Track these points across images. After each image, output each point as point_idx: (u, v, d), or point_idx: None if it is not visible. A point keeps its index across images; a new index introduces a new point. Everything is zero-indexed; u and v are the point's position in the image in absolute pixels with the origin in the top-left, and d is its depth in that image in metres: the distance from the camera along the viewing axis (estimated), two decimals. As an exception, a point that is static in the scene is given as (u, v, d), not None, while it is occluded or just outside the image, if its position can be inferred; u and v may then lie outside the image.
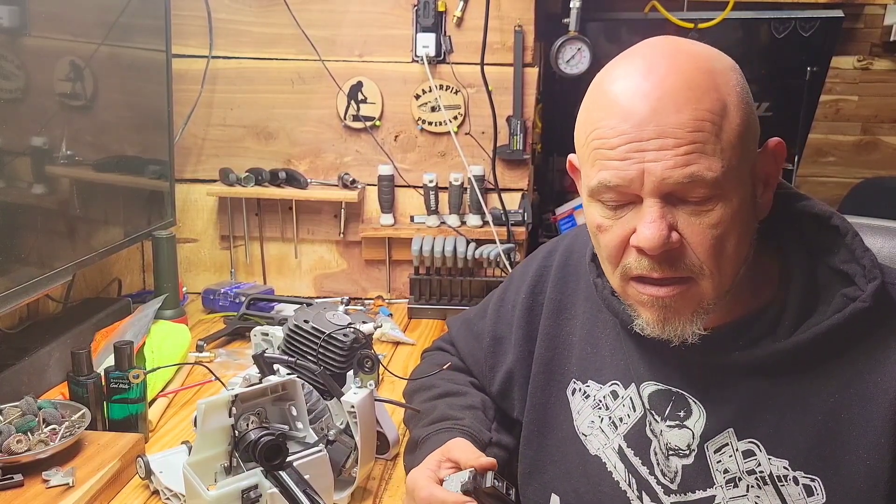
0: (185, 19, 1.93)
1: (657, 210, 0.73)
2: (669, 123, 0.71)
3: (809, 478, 0.78)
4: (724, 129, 0.72)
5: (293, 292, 2.05)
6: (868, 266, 0.78)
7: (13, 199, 1.30)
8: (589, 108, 0.78)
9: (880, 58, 3.28)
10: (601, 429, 0.91)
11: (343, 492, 1.05)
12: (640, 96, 0.72)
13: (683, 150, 0.71)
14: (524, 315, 1.03)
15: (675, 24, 2.32)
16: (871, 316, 0.76)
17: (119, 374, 1.17)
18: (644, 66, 0.74)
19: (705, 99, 0.71)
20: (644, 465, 0.87)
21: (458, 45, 1.92)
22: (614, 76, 0.76)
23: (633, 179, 0.73)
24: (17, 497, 1.00)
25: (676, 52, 0.75)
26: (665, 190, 0.72)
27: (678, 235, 0.74)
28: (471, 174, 1.93)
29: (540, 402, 0.98)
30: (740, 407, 0.81)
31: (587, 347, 0.95)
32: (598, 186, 0.76)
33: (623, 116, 0.73)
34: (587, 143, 0.77)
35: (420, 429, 1.01)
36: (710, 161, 0.71)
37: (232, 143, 2.03)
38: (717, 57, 0.77)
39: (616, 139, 0.73)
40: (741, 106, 0.74)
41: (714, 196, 0.73)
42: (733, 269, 0.76)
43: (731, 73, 0.75)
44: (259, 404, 0.91)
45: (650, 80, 0.73)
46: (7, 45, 1.27)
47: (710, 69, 0.74)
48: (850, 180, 3.25)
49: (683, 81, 0.72)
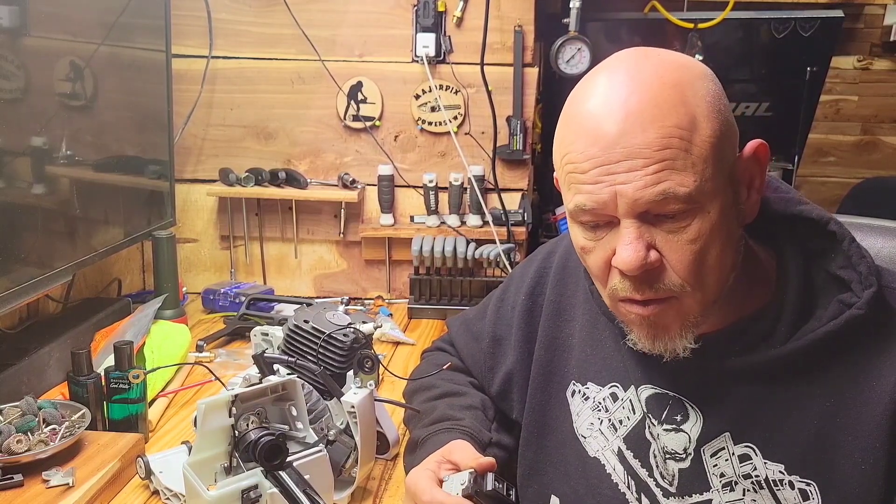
0: (185, 19, 1.93)
1: (633, 231, 0.73)
2: (636, 144, 0.70)
3: (805, 482, 0.78)
4: (695, 143, 0.71)
5: (293, 292, 2.05)
6: (864, 273, 0.78)
7: (13, 199, 1.30)
8: (561, 129, 0.78)
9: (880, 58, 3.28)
10: (600, 430, 0.91)
11: (343, 492, 1.05)
12: (605, 118, 0.72)
13: (653, 169, 0.70)
14: (524, 316, 1.03)
15: (675, 24, 2.32)
16: (867, 323, 0.76)
17: (119, 374, 1.17)
18: (609, 86, 0.74)
19: (672, 115, 0.71)
20: (643, 468, 0.87)
21: (458, 45, 1.92)
22: (582, 97, 0.76)
23: (606, 202, 0.72)
24: (17, 497, 1.00)
25: (641, 67, 0.74)
26: (639, 210, 0.72)
27: (657, 254, 0.73)
28: (471, 174, 1.93)
29: (539, 403, 0.98)
30: (736, 411, 0.81)
31: (586, 349, 0.95)
32: (575, 210, 0.76)
33: (591, 140, 0.72)
34: (562, 166, 0.77)
35: (420, 429, 1.01)
36: (681, 176, 0.70)
37: (232, 143, 2.03)
38: (686, 66, 0.75)
39: (586, 163, 0.73)
40: (712, 115, 0.73)
41: (690, 210, 0.72)
42: (717, 281, 0.76)
43: (699, 83, 0.74)
44: (259, 404, 0.90)
45: (615, 101, 0.72)
46: (7, 45, 1.27)
47: (677, 82, 0.72)
48: (850, 180, 3.25)
49: (649, 99, 0.71)
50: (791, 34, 2.41)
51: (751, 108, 2.58)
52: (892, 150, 3.38)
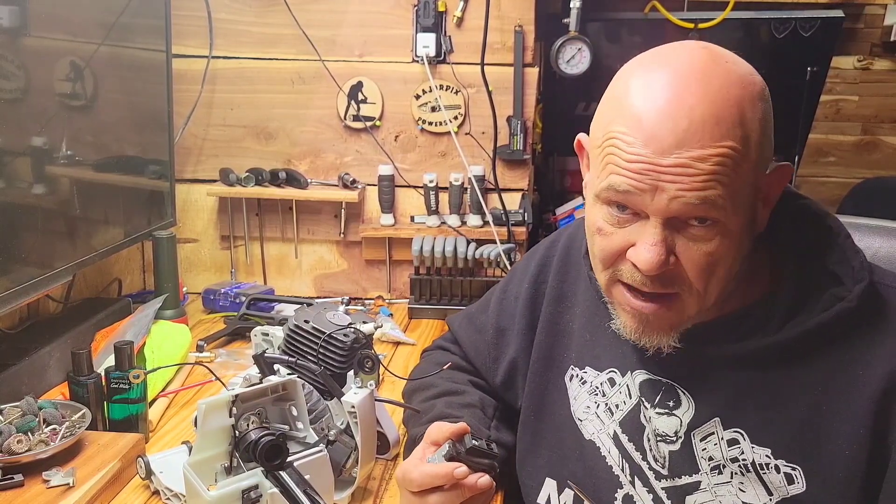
0: (185, 19, 1.93)
1: (660, 233, 0.74)
2: (691, 156, 0.71)
3: (790, 466, 0.80)
4: (743, 164, 0.72)
5: (293, 292, 2.05)
6: (857, 267, 0.80)
7: (13, 199, 1.30)
8: (611, 107, 0.77)
9: (880, 58, 3.28)
10: (596, 414, 0.93)
11: (343, 492, 1.05)
12: (665, 122, 0.71)
13: (700, 180, 0.71)
14: (527, 304, 1.05)
15: (675, 24, 2.32)
16: (857, 315, 0.79)
17: (119, 374, 1.17)
18: (674, 86, 0.72)
19: (730, 135, 0.71)
20: (637, 451, 0.89)
21: (458, 45, 1.92)
22: (642, 84, 0.75)
23: (644, 192, 0.73)
24: (18, 497, 1.00)
25: (710, 73, 0.73)
26: (672, 211, 0.73)
27: (675, 258, 0.75)
28: (471, 174, 1.93)
29: (538, 387, 1.00)
30: (727, 397, 0.83)
31: (585, 335, 0.97)
32: (606, 188, 0.75)
33: (645, 138, 0.72)
34: (603, 144, 0.76)
35: (418, 427, 1.02)
36: (723, 191, 0.71)
37: (232, 143, 2.02)
38: (750, 83, 0.75)
39: (634, 155, 0.73)
40: (762, 139, 0.74)
41: (717, 223, 0.74)
42: (720, 289, 0.79)
43: (758, 105, 0.74)
44: (259, 404, 0.90)
45: (679, 107, 0.71)
46: (7, 45, 1.26)
47: (740, 99, 0.72)
48: (850, 180, 3.25)
49: (711, 114, 0.71)
50: (791, 34, 2.41)
51: (751, 108, 2.58)
52: (892, 150, 3.38)
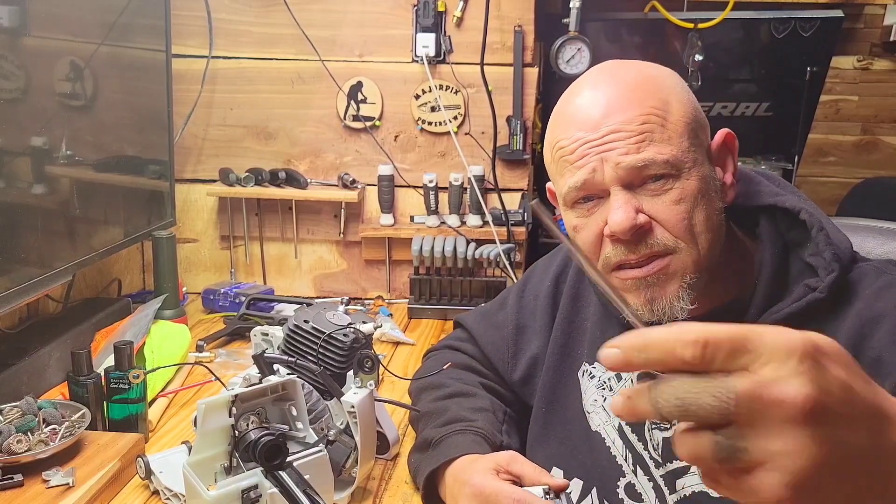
0: (185, 19, 1.93)
1: (622, 196, 0.81)
2: (618, 121, 0.80)
3: None
4: (669, 121, 0.81)
5: (293, 292, 2.05)
6: (828, 258, 0.84)
7: (13, 199, 1.30)
8: (551, 129, 0.88)
9: (880, 58, 3.28)
10: (603, 407, 0.96)
11: (343, 492, 1.05)
12: (590, 106, 0.83)
13: (634, 141, 0.79)
14: (548, 301, 1.08)
15: (674, 24, 2.32)
16: (826, 305, 0.83)
17: (119, 374, 1.17)
18: (592, 84, 0.85)
19: (648, 98, 0.81)
20: (640, 441, 0.92)
21: (457, 45, 1.92)
22: (567, 97, 0.87)
23: (594, 172, 0.81)
24: (17, 497, 1.00)
25: (619, 68, 0.86)
26: (624, 176, 0.80)
27: (646, 217, 0.81)
28: (471, 174, 1.93)
29: (552, 381, 1.03)
30: None
31: (597, 332, 1.00)
32: (568, 191, 0.84)
33: (578, 125, 0.83)
34: (553, 159, 0.86)
35: (433, 429, 1.03)
36: (659, 146, 0.80)
37: (232, 143, 2.03)
38: (660, 68, 0.87)
39: (574, 144, 0.82)
40: (683, 101, 0.83)
41: (671, 175, 0.80)
42: (708, 240, 0.82)
43: (671, 79, 0.86)
44: (259, 404, 0.91)
45: (598, 92, 0.83)
46: (7, 45, 1.27)
47: (651, 76, 0.84)
48: (850, 180, 3.26)
49: (627, 88, 0.82)
50: (791, 34, 2.42)
51: (751, 108, 2.58)
52: (892, 150, 3.38)
